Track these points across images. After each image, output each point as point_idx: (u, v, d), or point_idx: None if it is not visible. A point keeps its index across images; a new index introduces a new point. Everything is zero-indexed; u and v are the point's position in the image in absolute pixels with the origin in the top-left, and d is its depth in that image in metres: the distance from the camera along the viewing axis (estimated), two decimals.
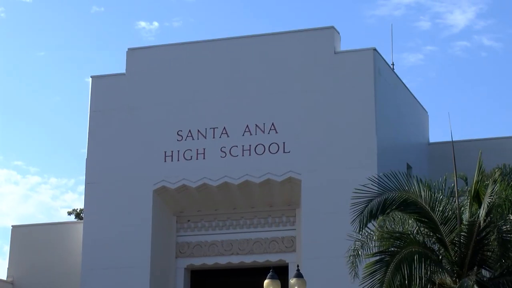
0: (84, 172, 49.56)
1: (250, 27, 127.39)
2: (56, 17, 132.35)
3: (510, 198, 29.68)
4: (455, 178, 30.78)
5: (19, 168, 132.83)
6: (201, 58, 48.77)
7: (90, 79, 50.65)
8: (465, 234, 28.50)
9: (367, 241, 30.18)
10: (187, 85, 48.20)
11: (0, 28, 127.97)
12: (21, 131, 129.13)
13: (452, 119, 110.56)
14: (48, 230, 54.62)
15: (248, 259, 46.87)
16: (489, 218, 28.22)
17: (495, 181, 29.63)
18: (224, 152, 47.04)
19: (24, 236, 53.74)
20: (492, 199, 27.94)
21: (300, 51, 46.93)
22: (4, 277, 52.65)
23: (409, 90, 50.61)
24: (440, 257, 28.64)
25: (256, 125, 46.56)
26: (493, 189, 28.45)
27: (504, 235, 28.83)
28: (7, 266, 53.20)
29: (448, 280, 28.12)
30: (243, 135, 46.86)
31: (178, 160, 47.74)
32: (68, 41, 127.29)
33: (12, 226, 55.47)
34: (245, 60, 47.95)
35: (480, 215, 28.24)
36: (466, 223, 28.69)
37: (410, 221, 29.87)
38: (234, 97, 47.38)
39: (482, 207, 28.34)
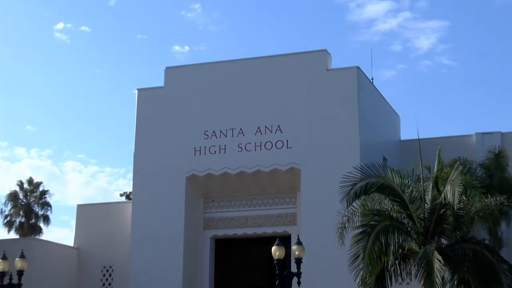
0: (132, 163, 50.18)
1: (261, 50, 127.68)
2: (109, 42, 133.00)
3: (464, 183, 30.17)
4: (421, 168, 31.45)
5: (82, 160, 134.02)
6: (222, 75, 49.19)
7: (136, 91, 51.32)
8: (429, 211, 29.24)
9: (352, 216, 31.17)
10: (211, 96, 48.60)
11: (66, 52, 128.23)
12: (84, 131, 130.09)
13: (418, 121, 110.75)
14: (105, 208, 55.15)
15: (259, 230, 47.38)
16: (447, 198, 28.68)
17: (455, 170, 30.20)
18: (241, 148, 47.50)
19: (86, 213, 54.23)
20: (451, 183, 28.42)
21: (300, 68, 47.37)
22: (72, 244, 53.32)
23: (384, 99, 51.05)
24: (409, 229, 29.57)
25: (266, 127, 46.99)
26: (452, 176, 28.96)
27: (458, 211, 29.55)
28: (73, 236, 53.78)
29: (415, 246, 29.01)
30: (255, 134, 47.29)
31: (204, 154, 48.17)
32: (119, 61, 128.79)
33: (77, 205, 56.02)
34: (257, 75, 48.31)
35: (441, 196, 28.78)
36: (429, 202, 29.33)
37: (386, 201, 30.59)
38: (248, 105, 47.70)
39: (443, 190, 28.90)
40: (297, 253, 34.91)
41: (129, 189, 62.26)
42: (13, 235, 75.02)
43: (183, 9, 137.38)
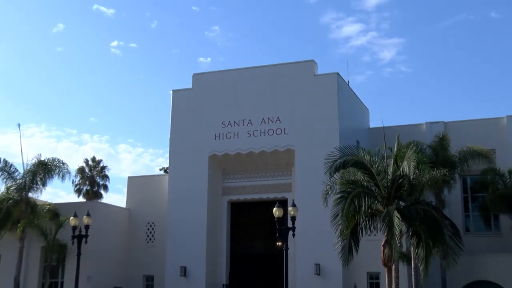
0: (169, 146, 50.51)
1: (265, 60, 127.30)
2: (151, 55, 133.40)
3: (416, 160, 30.70)
4: (385, 148, 32.07)
5: (131, 143, 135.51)
6: (235, 79, 49.38)
7: (171, 92, 51.33)
8: (390, 181, 29.81)
9: (333, 185, 31.43)
10: (227, 95, 48.77)
11: (119, 63, 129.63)
12: (132, 122, 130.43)
13: (383, 113, 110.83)
14: (148, 179, 55.47)
15: (264, 196, 47.68)
16: (404, 171, 29.17)
17: (410, 150, 30.72)
18: (249, 134, 47.58)
19: (135, 183, 54.52)
20: (410, 159, 28.95)
21: (294, 74, 47.48)
22: (124, 206, 53.77)
23: (357, 97, 51.14)
24: (376, 194, 30.00)
25: (268, 118, 47.14)
26: (408, 154, 29.48)
27: (412, 181, 30.17)
28: (125, 200, 54.18)
29: (380, 207, 29.58)
30: (260, 124, 47.36)
31: (222, 138, 48.26)
32: (158, 69, 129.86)
33: (128, 177, 56.25)
34: (261, 79, 48.35)
35: (400, 170, 29.34)
36: (391, 174, 29.88)
37: (358, 174, 30.97)
38: (255, 102, 47.78)
39: (401, 165, 29.54)
40: (292, 213, 35.40)
41: (166, 165, 62.52)
42: (81, 199, 76.42)
43: (206, 30, 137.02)
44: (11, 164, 47.47)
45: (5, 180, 47.09)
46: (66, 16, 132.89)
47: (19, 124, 65.48)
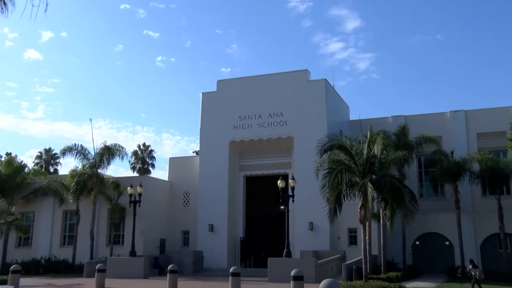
0: (199, 135, 50.35)
1: (271, 69, 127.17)
2: (186, 67, 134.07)
3: (383, 145, 30.91)
4: (361, 135, 32.10)
5: (172, 132, 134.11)
6: (249, 84, 49.18)
7: (201, 94, 51.15)
8: (365, 160, 29.83)
9: (322, 163, 31.26)
10: (243, 96, 48.61)
11: (162, 74, 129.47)
12: (172, 117, 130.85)
13: (360, 109, 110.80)
14: (184, 159, 55.42)
15: (271, 172, 47.57)
16: (375, 153, 29.42)
17: (379, 137, 30.97)
18: (260, 125, 47.47)
19: (175, 162, 54.52)
20: (379, 144, 29.21)
21: (293, 79, 47.33)
22: (166, 179, 53.73)
23: (340, 97, 50.78)
24: (354, 170, 29.85)
25: (274, 113, 47.10)
26: (378, 140, 29.77)
27: (381, 159, 30.31)
28: (167, 174, 54.17)
29: (358, 180, 29.42)
30: (268, 117, 47.27)
31: (239, 129, 48.17)
32: (192, 77, 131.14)
33: (169, 158, 56.02)
34: (269, 83, 48.24)
35: (372, 151, 29.52)
36: (365, 155, 29.92)
37: (341, 154, 30.74)
38: (264, 101, 47.55)
39: (373, 148, 29.66)
40: (291, 184, 35.85)
41: (197, 149, 62.44)
42: (135, 174, 77.04)
43: (226, 48, 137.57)
44: (86, 148, 47.98)
45: (81, 160, 47.70)
46: (124, 39, 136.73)
47: (91, 119, 66.39)
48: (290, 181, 36.34)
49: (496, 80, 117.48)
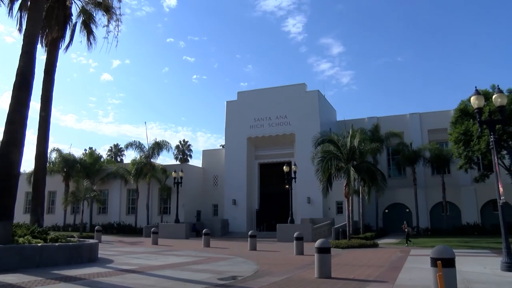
0: (224, 133, 49.91)
1: (276, 83, 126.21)
2: (214, 83, 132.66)
3: (361, 139, 30.80)
4: (345, 132, 31.76)
5: (204, 131, 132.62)
6: (261, 94, 48.52)
7: (226, 102, 50.65)
8: (348, 150, 29.61)
9: (317, 153, 30.95)
10: (256, 103, 48.00)
11: (197, 88, 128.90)
12: (204, 120, 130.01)
13: (345, 112, 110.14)
14: (214, 151, 54.96)
15: (278, 159, 47.06)
16: (356, 144, 29.34)
17: (358, 133, 30.74)
18: (269, 125, 47.03)
19: (207, 153, 54.11)
20: (358, 138, 29.10)
21: (294, 91, 46.77)
22: (200, 166, 53.41)
23: (329, 103, 50.17)
24: (340, 158, 29.40)
25: (280, 116, 46.68)
26: (357, 135, 29.62)
27: (360, 149, 30.06)
28: (201, 163, 53.77)
29: (343, 165, 28.99)
30: (275, 119, 46.89)
31: (254, 128, 47.71)
32: (218, 90, 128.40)
33: (202, 150, 56.14)
34: (276, 94, 47.62)
35: (353, 144, 29.41)
36: (349, 146, 29.75)
37: (331, 147, 30.33)
38: (272, 107, 47.05)
39: (354, 141, 29.52)
40: (294, 169, 35.68)
41: (223, 143, 62.32)
42: (177, 162, 74.46)
43: (244, 67, 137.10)
44: (142, 144, 48.18)
45: (139, 152, 48.04)
46: (169, 63, 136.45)
47: (145, 122, 67.77)
48: (293, 167, 36.14)
49: (441, 89, 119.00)
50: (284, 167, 36.20)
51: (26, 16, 17.13)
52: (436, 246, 8.58)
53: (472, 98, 14.52)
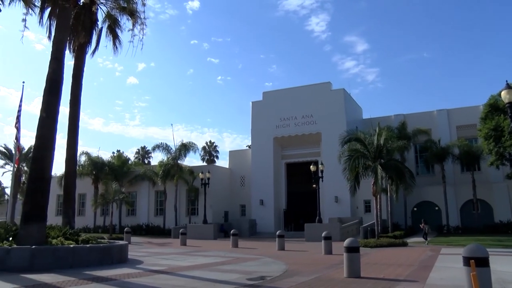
0: (250, 133, 49.94)
1: (303, 82, 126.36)
2: (239, 84, 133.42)
3: (388, 137, 30.47)
4: (371, 130, 31.47)
5: (230, 132, 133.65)
6: (287, 94, 48.37)
7: (251, 103, 50.72)
8: (375, 148, 29.42)
9: (344, 151, 30.83)
10: (282, 103, 47.89)
11: (222, 90, 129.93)
12: (231, 121, 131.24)
13: (370, 110, 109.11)
14: (240, 152, 55.03)
15: (305, 159, 46.72)
16: (383, 143, 29.03)
17: (385, 131, 30.42)
18: (296, 124, 46.82)
19: (233, 154, 54.23)
20: (384, 136, 28.78)
21: (320, 90, 46.49)
22: (227, 167, 53.59)
23: (355, 101, 49.75)
24: (368, 156, 29.20)
25: (306, 115, 46.47)
26: (384, 133, 29.33)
27: (387, 147, 29.85)
28: (228, 164, 53.96)
29: (370, 163, 28.84)
30: (302, 118, 46.68)
31: (280, 128, 47.57)
32: (245, 91, 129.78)
33: (229, 150, 55.96)
34: (302, 93, 47.48)
35: (380, 141, 29.09)
36: (375, 144, 29.26)
37: (358, 145, 30.23)
38: (298, 106, 46.89)
39: (381, 139, 29.20)
40: (321, 168, 35.59)
41: (249, 143, 62.31)
42: (204, 163, 74.47)
43: (269, 68, 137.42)
44: (169, 146, 48.28)
45: (166, 154, 48.17)
46: (194, 65, 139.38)
47: (172, 124, 67.31)
48: (319, 166, 35.98)
49: (469, 85, 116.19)
50: (311, 166, 36.10)
51: (55, 23, 17.53)
52: (468, 244, 8.33)
53: (503, 93, 14.10)
